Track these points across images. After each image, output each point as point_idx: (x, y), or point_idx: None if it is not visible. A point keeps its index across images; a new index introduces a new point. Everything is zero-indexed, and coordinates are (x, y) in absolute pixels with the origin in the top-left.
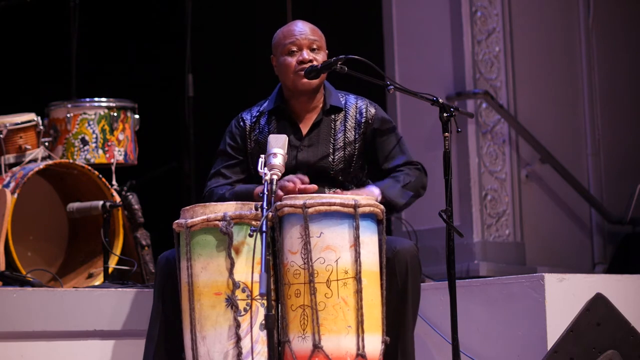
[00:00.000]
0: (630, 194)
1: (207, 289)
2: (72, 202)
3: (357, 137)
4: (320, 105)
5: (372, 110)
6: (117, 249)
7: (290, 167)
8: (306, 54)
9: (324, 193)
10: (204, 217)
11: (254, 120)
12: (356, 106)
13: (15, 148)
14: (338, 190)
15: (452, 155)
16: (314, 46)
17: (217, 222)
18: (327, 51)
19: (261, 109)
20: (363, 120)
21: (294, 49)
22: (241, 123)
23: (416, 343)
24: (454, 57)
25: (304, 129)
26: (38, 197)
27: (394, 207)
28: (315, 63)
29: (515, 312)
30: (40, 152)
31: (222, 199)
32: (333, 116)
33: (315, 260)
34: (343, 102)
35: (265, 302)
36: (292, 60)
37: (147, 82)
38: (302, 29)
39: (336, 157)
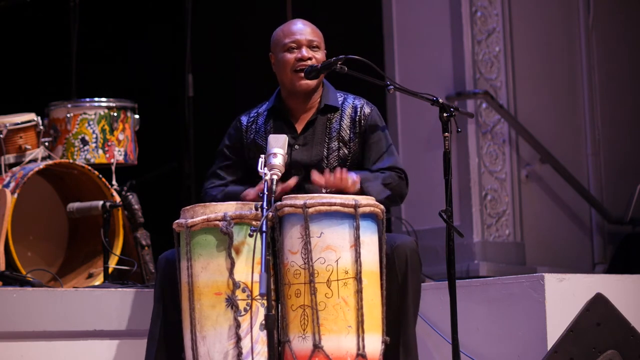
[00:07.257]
0: (630, 194)
1: (207, 289)
2: (72, 202)
3: (352, 136)
4: (317, 105)
5: (367, 110)
6: (117, 249)
7: (285, 166)
8: (305, 52)
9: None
10: (204, 217)
11: (250, 120)
12: (353, 105)
13: (15, 148)
14: (314, 171)
15: (452, 155)
16: (314, 45)
17: (217, 222)
18: (325, 51)
19: (259, 110)
20: (357, 119)
21: (294, 46)
22: (238, 124)
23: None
24: (454, 57)
25: (299, 127)
26: (38, 197)
27: None
28: (314, 61)
29: (515, 312)
30: (40, 152)
31: (214, 201)
32: (329, 115)
33: (316, 260)
34: (341, 101)
35: (265, 302)
36: (291, 57)
37: (147, 82)
38: (303, 27)
39: (331, 156)
